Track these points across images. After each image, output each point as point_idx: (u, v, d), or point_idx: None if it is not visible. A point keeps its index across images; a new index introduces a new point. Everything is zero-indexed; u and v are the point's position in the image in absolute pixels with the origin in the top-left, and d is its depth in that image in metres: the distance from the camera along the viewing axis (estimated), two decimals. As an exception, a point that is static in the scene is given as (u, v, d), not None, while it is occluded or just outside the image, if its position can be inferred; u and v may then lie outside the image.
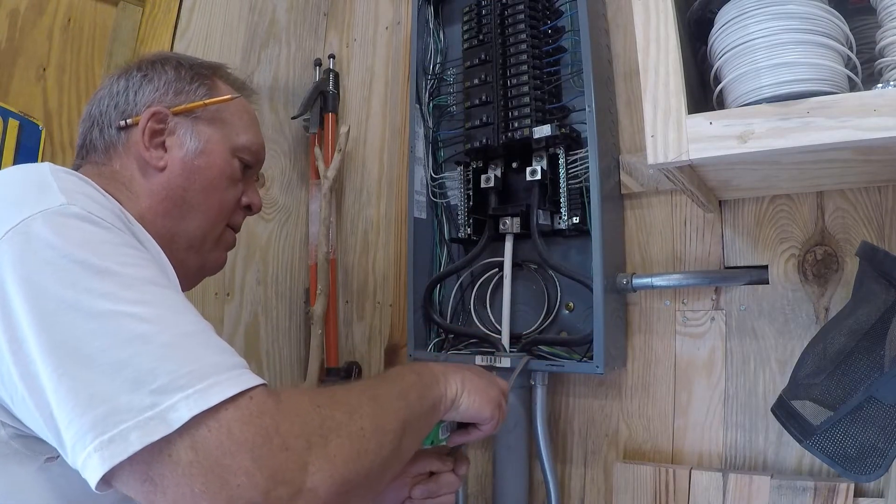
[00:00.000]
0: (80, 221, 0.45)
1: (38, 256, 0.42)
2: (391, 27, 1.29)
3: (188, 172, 0.63)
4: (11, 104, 0.87)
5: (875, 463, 0.57)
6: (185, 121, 0.64)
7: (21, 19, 0.90)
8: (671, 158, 0.58)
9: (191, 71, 0.66)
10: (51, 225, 0.43)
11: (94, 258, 0.43)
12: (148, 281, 0.44)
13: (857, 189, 0.79)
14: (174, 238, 0.63)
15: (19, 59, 0.89)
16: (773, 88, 0.56)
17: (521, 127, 0.92)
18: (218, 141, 0.66)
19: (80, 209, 0.45)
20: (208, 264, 0.68)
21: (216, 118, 0.66)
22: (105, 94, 0.65)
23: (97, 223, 0.46)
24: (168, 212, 0.62)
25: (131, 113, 0.63)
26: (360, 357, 1.24)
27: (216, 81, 0.69)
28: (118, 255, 0.44)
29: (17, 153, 0.86)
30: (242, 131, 0.68)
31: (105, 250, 0.44)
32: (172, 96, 0.64)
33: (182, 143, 0.63)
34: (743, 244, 0.87)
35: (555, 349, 0.92)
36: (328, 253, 1.23)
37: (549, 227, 0.94)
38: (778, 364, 0.82)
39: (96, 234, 0.45)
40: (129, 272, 0.44)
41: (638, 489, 0.86)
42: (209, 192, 0.65)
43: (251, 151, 0.69)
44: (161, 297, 0.44)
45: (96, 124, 0.64)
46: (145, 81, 0.64)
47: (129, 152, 0.62)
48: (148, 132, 0.62)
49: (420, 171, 1.08)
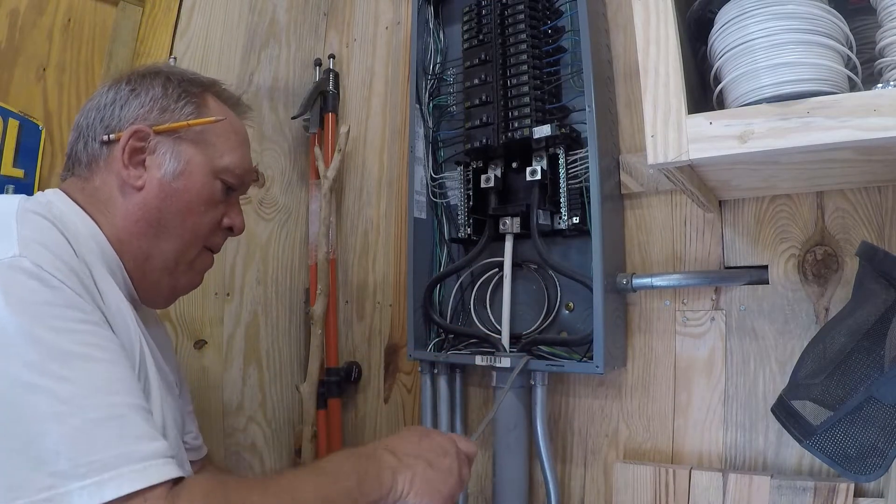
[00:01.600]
0: (27, 278, 0.44)
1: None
2: (391, 27, 1.29)
3: (165, 194, 0.62)
4: (11, 104, 0.87)
5: (875, 463, 0.57)
6: (167, 140, 0.63)
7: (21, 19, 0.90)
8: (671, 158, 0.58)
9: (178, 88, 0.65)
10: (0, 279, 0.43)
11: (27, 322, 0.42)
12: (78, 355, 0.44)
13: (857, 189, 0.79)
14: (149, 259, 0.62)
15: (19, 59, 0.89)
16: (773, 88, 0.56)
17: (521, 127, 0.91)
18: (199, 163, 0.64)
19: (31, 263, 0.45)
20: (180, 286, 0.67)
21: (200, 139, 0.65)
22: (93, 107, 0.64)
23: (44, 280, 0.45)
24: (143, 233, 0.61)
25: (115, 128, 0.62)
26: (360, 357, 1.24)
27: (206, 99, 0.67)
28: (56, 319, 0.44)
29: (17, 153, 0.86)
30: (227, 152, 0.67)
31: (43, 313, 0.44)
32: (157, 114, 0.63)
33: (161, 163, 0.62)
34: (743, 244, 0.87)
35: (555, 349, 0.92)
36: (328, 253, 1.23)
37: (549, 227, 0.94)
38: (778, 364, 0.82)
39: (40, 294, 0.44)
40: (60, 343, 0.43)
41: (638, 489, 0.86)
42: (185, 214, 0.63)
43: (235, 174, 0.68)
44: (88, 374, 0.43)
45: (82, 136, 0.64)
46: (132, 96, 0.64)
47: (109, 169, 0.62)
48: (128, 150, 0.61)
49: (420, 171, 1.08)
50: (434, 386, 1.04)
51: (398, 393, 1.19)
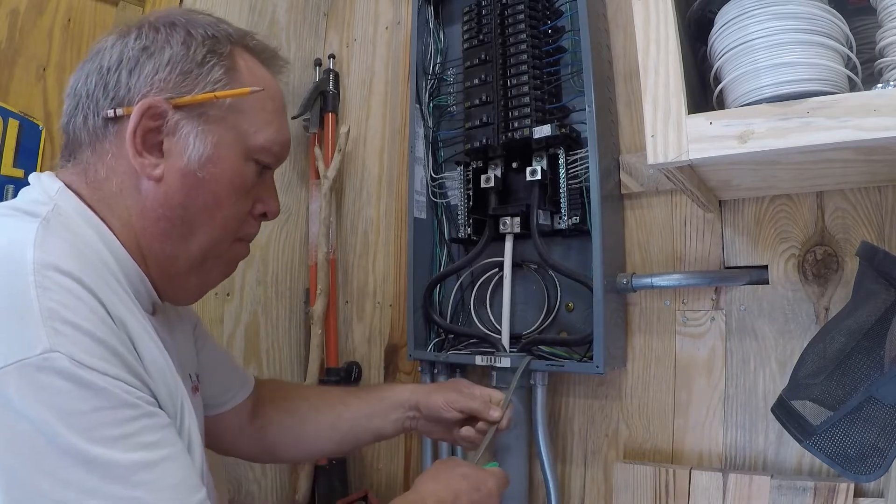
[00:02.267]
0: (66, 381, 0.37)
1: (9, 431, 0.36)
2: (391, 27, 1.29)
3: (189, 187, 0.51)
4: (11, 104, 0.87)
5: (875, 463, 0.57)
6: (190, 116, 0.50)
7: (21, 19, 0.90)
8: (671, 158, 0.58)
9: (203, 47, 0.52)
10: (28, 386, 0.36)
11: (79, 440, 0.37)
12: (140, 465, 0.39)
13: (857, 189, 0.79)
14: (174, 261, 0.53)
15: (19, 59, 0.89)
16: (774, 88, 0.56)
17: (521, 127, 0.91)
18: (230, 144, 0.52)
19: (67, 360, 0.37)
20: (210, 282, 0.59)
21: (230, 112, 0.52)
22: (93, 69, 0.51)
23: (86, 383, 0.38)
24: (165, 233, 0.52)
25: (122, 100, 0.50)
26: (360, 357, 1.24)
27: (236, 59, 0.54)
28: (110, 426, 0.39)
29: (17, 153, 0.86)
30: (264, 127, 0.55)
31: (94, 423, 0.38)
32: (177, 81, 0.50)
33: (184, 147, 0.50)
34: (743, 244, 0.87)
35: (555, 349, 0.92)
36: (328, 253, 1.23)
37: (549, 227, 0.94)
38: (778, 364, 0.82)
39: (85, 400, 0.38)
40: (119, 457, 0.38)
41: (638, 489, 0.86)
42: (213, 209, 0.53)
43: (272, 152, 0.56)
44: (150, 488, 0.39)
45: (80, 108, 0.51)
46: (144, 56, 0.50)
47: (118, 154, 0.50)
48: (140, 132, 0.49)
49: (420, 171, 1.08)
50: (434, 386, 1.04)
51: (398, 393, 1.19)
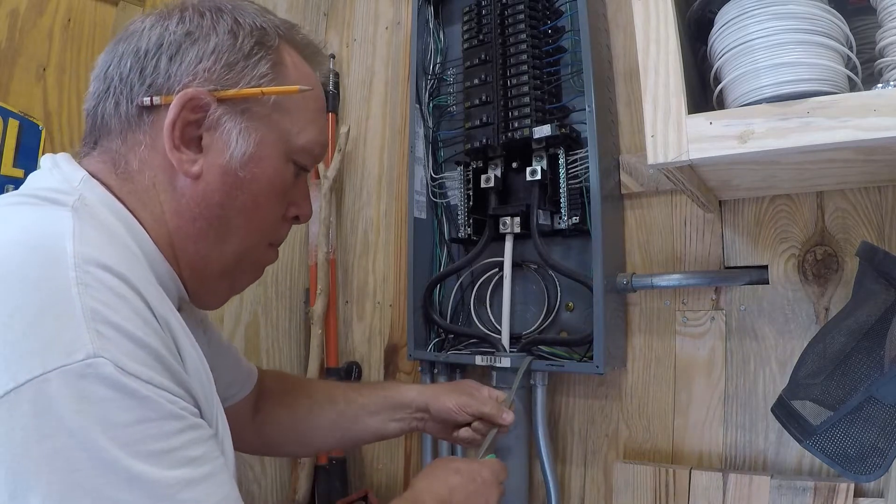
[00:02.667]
0: (110, 390, 0.34)
1: (50, 444, 0.32)
2: (391, 27, 1.29)
3: (229, 186, 0.48)
4: (11, 104, 0.87)
5: (875, 463, 0.57)
6: (233, 112, 0.48)
7: (21, 19, 0.90)
8: (671, 158, 0.58)
9: (251, 38, 0.48)
10: (71, 395, 0.33)
11: (124, 455, 0.34)
12: (185, 482, 0.37)
13: (857, 189, 0.79)
14: (207, 263, 0.51)
15: (19, 59, 0.89)
16: (774, 88, 0.56)
17: (521, 127, 0.91)
18: (272, 143, 0.50)
19: (112, 366, 0.34)
20: (239, 286, 0.56)
21: (274, 110, 0.50)
22: (129, 50, 0.47)
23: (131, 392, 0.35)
24: (201, 234, 0.49)
25: (161, 88, 0.46)
26: (360, 357, 1.24)
27: (283, 53, 0.51)
28: (156, 439, 0.36)
29: (17, 153, 0.86)
30: (306, 127, 0.52)
31: (140, 436, 0.35)
32: (221, 72, 0.47)
33: (226, 144, 0.47)
34: (743, 244, 0.87)
35: (555, 349, 0.92)
36: (328, 253, 1.23)
37: (549, 227, 0.94)
38: (778, 364, 0.82)
39: (131, 411, 0.35)
40: (164, 475, 0.36)
41: (638, 489, 0.86)
42: (252, 211, 0.50)
43: (313, 154, 0.54)
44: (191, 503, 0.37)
45: (112, 92, 0.47)
46: (188, 42, 0.47)
47: (153, 144, 0.47)
48: (180, 124, 0.46)
49: (420, 171, 1.08)
50: (434, 386, 1.04)
51: (398, 393, 1.19)
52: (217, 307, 0.58)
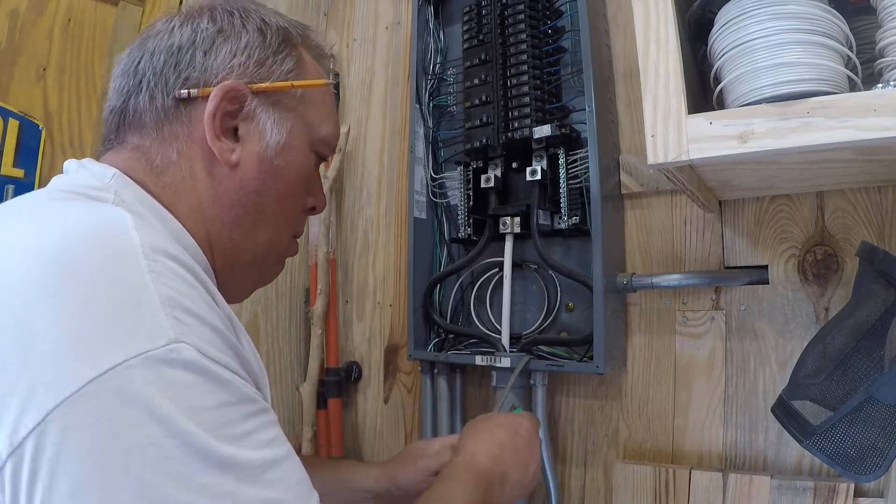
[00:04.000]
0: (194, 374, 0.34)
1: (138, 434, 0.31)
2: (391, 27, 1.29)
3: (265, 174, 0.50)
4: (11, 104, 0.87)
5: (875, 463, 0.57)
6: (265, 104, 0.50)
7: (21, 19, 0.90)
8: (671, 158, 0.58)
9: (278, 35, 0.52)
10: (156, 381, 0.32)
11: (211, 439, 0.33)
12: (268, 462, 0.37)
13: (857, 189, 0.79)
14: (240, 251, 0.52)
15: (19, 59, 0.89)
16: (774, 88, 0.56)
17: (521, 127, 0.92)
18: (300, 133, 0.53)
19: (194, 351, 0.35)
20: (266, 279, 0.58)
21: (300, 103, 0.53)
22: (161, 47, 0.49)
23: (212, 375, 0.35)
24: (238, 223, 0.50)
25: (198, 81, 0.48)
26: (360, 357, 1.24)
27: (302, 52, 0.55)
28: (238, 422, 0.36)
29: (17, 153, 0.86)
30: (325, 119, 0.56)
31: (224, 420, 0.35)
32: (254, 68, 0.50)
33: (262, 133, 0.50)
34: (743, 244, 0.87)
35: (555, 349, 0.92)
36: (328, 253, 1.23)
37: (549, 227, 0.94)
38: (778, 364, 0.82)
39: (213, 395, 0.35)
40: (250, 457, 0.36)
41: (638, 489, 0.86)
42: (285, 198, 0.52)
43: (331, 145, 0.58)
44: (281, 486, 0.37)
45: (146, 86, 0.48)
46: (220, 39, 0.49)
47: (190, 135, 0.48)
48: (220, 114, 0.48)
49: (420, 171, 1.08)
50: (434, 386, 1.04)
51: (398, 393, 1.19)
52: (241, 300, 0.58)
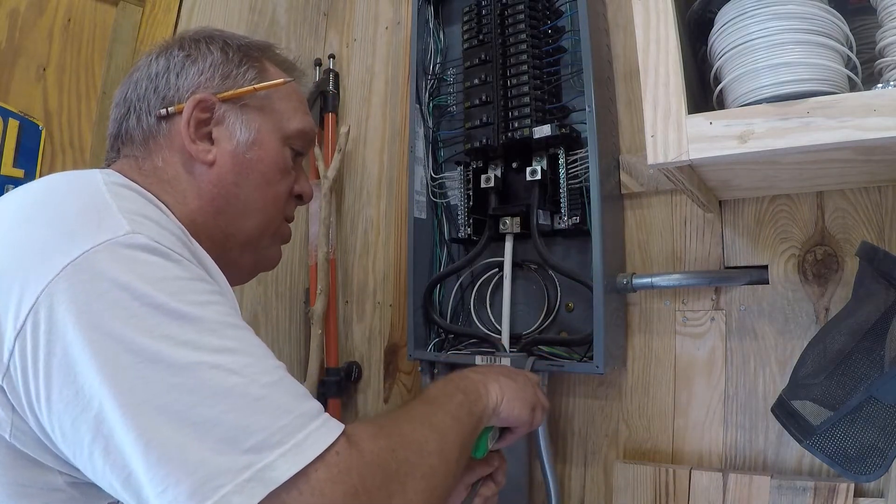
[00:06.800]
0: (150, 254, 0.41)
1: (107, 299, 0.38)
2: (391, 27, 1.29)
3: (239, 168, 0.58)
4: (11, 104, 0.87)
5: (875, 463, 0.57)
6: (234, 109, 0.58)
7: (21, 19, 0.90)
8: (671, 158, 0.58)
9: (239, 52, 0.60)
10: (118, 259, 0.39)
11: (169, 300, 0.39)
12: (227, 324, 0.41)
13: (857, 189, 0.79)
14: (229, 237, 0.59)
15: (19, 59, 0.89)
16: (773, 88, 0.56)
17: (521, 127, 0.91)
18: (269, 130, 0.60)
19: (147, 238, 0.41)
20: (263, 261, 0.64)
21: (265, 105, 0.60)
22: (143, 77, 0.58)
23: (167, 255, 0.42)
24: (221, 210, 0.57)
25: (173, 100, 0.57)
26: (359, 357, 1.24)
27: (265, 64, 0.63)
28: (193, 293, 0.41)
29: (17, 153, 0.86)
30: (294, 116, 0.63)
31: (179, 289, 0.40)
32: (219, 81, 0.58)
33: (232, 133, 0.58)
34: (743, 244, 0.87)
35: (555, 349, 0.92)
36: (328, 253, 1.23)
37: (549, 227, 0.94)
38: (778, 364, 0.82)
39: (168, 269, 0.41)
40: (208, 315, 0.40)
41: (638, 489, 0.86)
42: (263, 187, 0.59)
43: (304, 138, 0.64)
44: (242, 341, 0.41)
45: (133, 111, 0.58)
46: (188, 62, 0.58)
47: (171, 145, 0.57)
48: (193, 122, 0.56)
49: (420, 171, 1.08)
50: (434, 386, 1.04)
51: (398, 393, 1.19)
52: (241, 282, 0.64)
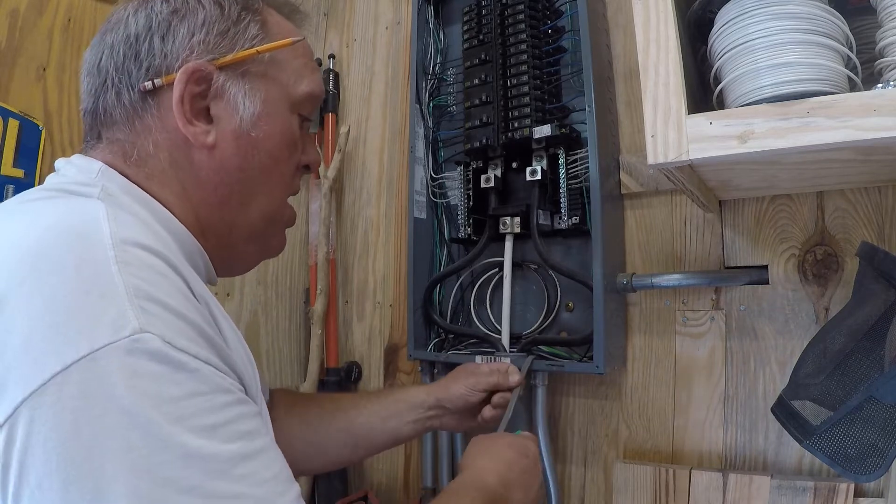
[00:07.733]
0: (158, 364, 0.33)
1: (101, 425, 0.31)
2: (391, 27, 1.29)
3: (245, 149, 0.49)
4: (11, 104, 0.87)
5: (875, 463, 0.57)
6: (234, 76, 0.48)
7: (21, 19, 0.90)
8: (671, 158, 0.58)
9: (237, 4, 0.49)
10: (120, 371, 0.32)
11: (177, 429, 0.33)
12: (241, 456, 0.36)
13: (857, 189, 0.79)
14: (234, 229, 0.51)
15: (19, 59, 0.89)
16: (774, 88, 0.56)
17: (521, 127, 0.91)
18: (276, 98, 0.51)
19: (159, 341, 0.34)
20: (268, 250, 0.57)
21: (271, 66, 0.50)
22: (119, 39, 0.47)
23: (180, 364, 0.34)
24: (224, 201, 0.49)
25: (160, 69, 0.46)
26: (360, 357, 1.24)
27: (266, 14, 0.52)
28: (207, 413, 0.35)
29: (17, 153, 0.86)
30: (304, 77, 0.53)
31: (191, 411, 0.34)
32: (215, 42, 0.47)
33: (234, 108, 0.48)
34: (743, 244, 0.87)
35: (555, 349, 0.92)
36: (328, 253, 1.23)
37: (549, 227, 0.94)
38: (778, 364, 0.82)
39: (180, 385, 0.34)
40: (220, 449, 0.35)
41: (638, 489, 0.86)
42: (271, 167, 0.51)
43: (312, 102, 0.55)
44: (253, 480, 0.36)
45: (111, 84, 0.47)
46: (176, 20, 0.47)
47: (162, 126, 0.47)
48: (188, 98, 0.46)
49: (420, 171, 1.08)
50: (434, 386, 1.04)
51: (398, 393, 1.19)
52: (244, 272, 0.58)
